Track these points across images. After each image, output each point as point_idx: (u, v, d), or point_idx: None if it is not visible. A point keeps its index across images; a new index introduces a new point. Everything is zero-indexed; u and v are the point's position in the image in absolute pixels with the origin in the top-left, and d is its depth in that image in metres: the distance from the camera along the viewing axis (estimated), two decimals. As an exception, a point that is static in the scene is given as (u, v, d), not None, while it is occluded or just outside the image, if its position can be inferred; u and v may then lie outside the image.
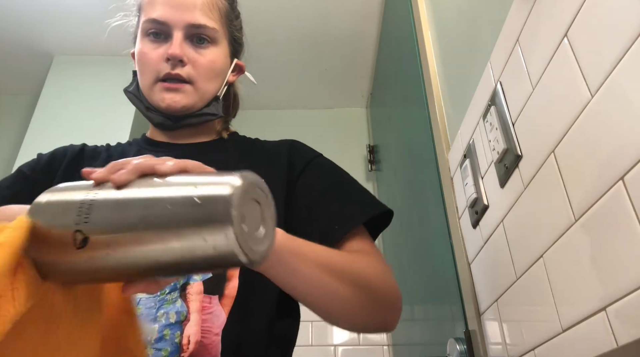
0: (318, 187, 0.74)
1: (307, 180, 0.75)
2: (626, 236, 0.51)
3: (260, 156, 0.81)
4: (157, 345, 0.59)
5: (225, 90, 0.86)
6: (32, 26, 2.26)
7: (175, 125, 0.79)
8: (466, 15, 1.06)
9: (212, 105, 0.82)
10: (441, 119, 1.22)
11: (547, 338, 0.69)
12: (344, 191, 0.75)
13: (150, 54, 0.78)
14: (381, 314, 0.66)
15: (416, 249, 1.53)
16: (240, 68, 0.90)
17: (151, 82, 0.78)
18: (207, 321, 0.61)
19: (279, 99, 2.64)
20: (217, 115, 0.82)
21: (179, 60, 0.76)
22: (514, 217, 0.79)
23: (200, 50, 0.79)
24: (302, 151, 0.81)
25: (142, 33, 0.80)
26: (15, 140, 2.38)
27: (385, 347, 2.08)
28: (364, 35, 2.29)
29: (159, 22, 0.78)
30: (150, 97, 0.78)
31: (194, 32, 0.79)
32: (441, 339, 1.15)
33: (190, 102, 0.78)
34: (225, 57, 0.84)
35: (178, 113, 0.78)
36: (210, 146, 0.83)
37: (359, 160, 2.53)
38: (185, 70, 0.77)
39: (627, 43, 0.51)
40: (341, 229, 0.68)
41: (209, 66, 0.79)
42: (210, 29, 0.80)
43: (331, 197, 0.73)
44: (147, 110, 0.80)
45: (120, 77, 1.06)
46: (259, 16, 2.13)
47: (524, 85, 0.75)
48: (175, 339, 0.59)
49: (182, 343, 0.59)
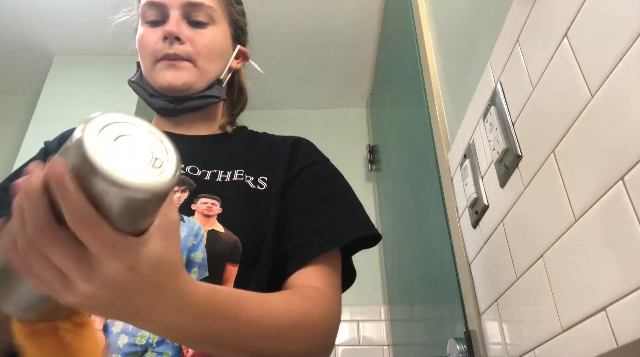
0: (311, 194, 0.73)
1: (301, 186, 0.74)
2: (626, 236, 0.51)
3: (264, 150, 0.80)
4: (159, 349, 0.58)
5: (229, 78, 0.85)
6: (32, 26, 2.26)
7: (177, 108, 0.78)
8: (466, 15, 1.06)
9: (215, 88, 0.81)
10: (441, 119, 1.22)
11: (547, 338, 0.69)
12: (336, 204, 0.73)
13: (149, 37, 0.78)
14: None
15: (416, 249, 1.53)
16: (245, 55, 0.89)
17: (151, 64, 0.78)
18: None
19: (279, 98, 2.64)
20: (219, 98, 0.82)
21: (176, 38, 0.76)
22: (514, 217, 0.79)
23: (199, 29, 0.79)
24: (306, 151, 0.80)
25: (141, 20, 0.81)
26: (15, 140, 2.38)
27: (385, 347, 2.08)
28: (364, 36, 2.29)
29: (156, 4, 0.78)
30: (151, 79, 0.78)
31: (191, 10, 0.79)
32: (441, 339, 1.15)
33: (191, 80, 0.77)
34: (226, 38, 0.84)
35: (179, 92, 0.77)
36: (214, 139, 0.82)
37: (359, 161, 2.53)
38: (183, 49, 0.77)
39: (627, 43, 0.51)
40: (320, 247, 0.67)
41: (208, 44, 0.79)
42: (207, 6, 0.79)
43: (321, 208, 0.71)
44: (149, 97, 0.79)
45: (121, 77, 1.06)
46: (259, 16, 2.13)
47: (524, 85, 0.75)
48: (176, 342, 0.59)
49: (182, 347, 0.59)
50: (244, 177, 0.73)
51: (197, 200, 0.68)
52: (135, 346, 0.58)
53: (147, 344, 0.58)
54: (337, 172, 0.79)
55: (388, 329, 2.11)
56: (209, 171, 0.73)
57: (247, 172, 0.74)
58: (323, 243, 0.67)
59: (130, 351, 0.57)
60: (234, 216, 0.68)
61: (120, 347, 0.57)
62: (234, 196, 0.70)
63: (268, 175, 0.74)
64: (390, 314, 2.09)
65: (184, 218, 0.66)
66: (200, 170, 0.73)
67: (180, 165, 0.35)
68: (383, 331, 2.12)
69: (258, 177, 0.74)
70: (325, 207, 0.72)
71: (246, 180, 0.73)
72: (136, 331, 0.58)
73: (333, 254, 0.69)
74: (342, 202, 0.75)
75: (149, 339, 0.58)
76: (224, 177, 0.73)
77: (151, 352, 0.58)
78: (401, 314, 1.86)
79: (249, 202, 0.71)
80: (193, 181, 0.70)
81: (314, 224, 0.69)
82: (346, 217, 0.72)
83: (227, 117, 0.87)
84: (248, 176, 0.74)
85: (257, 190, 0.72)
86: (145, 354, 0.58)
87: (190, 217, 0.66)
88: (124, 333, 0.58)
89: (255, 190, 0.72)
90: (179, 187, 0.69)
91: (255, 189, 0.72)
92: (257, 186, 0.73)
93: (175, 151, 0.35)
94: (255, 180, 0.73)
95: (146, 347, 0.58)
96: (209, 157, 0.76)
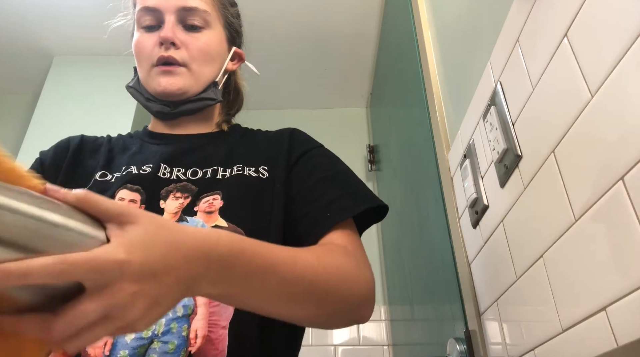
0: (314, 175, 0.74)
1: (304, 168, 0.75)
2: (626, 236, 0.51)
3: (261, 144, 0.81)
4: (164, 338, 0.59)
5: (225, 80, 0.86)
6: (32, 26, 2.26)
7: (174, 111, 0.79)
8: (466, 15, 1.06)
9: (210, 90, 0.82)
10: (441, 119, 1.22)
11: (547, 338, 0.69)
12: (340, 180, 0.74)
13: (145, 42, 0.79)
14: (350, 315, 0.62)
15: (416, 249, 1.53)
16: (240, 56, 0.90)
17: (147, 69, 0.79)
18: (214, 314, 0.61)
19: (279, 99, 2.64)
20: (215, 100, 0.82)
21: (171, 43, 0.77)
22: (514, 217, 0.79)
23: (194, 34, 0.80)
24: (302, 139, 0.81)
25: (137, 25, 0.82)
26: (15, 140, 2.38)
27: (385, 347, 2.08)
28: (364, 35, 2.29)
29: (151, 9, 0.79)
30: (148, 84, 0.79)
31: (186, 15, 0.80)
32: (441, 339, 1.15)
33: (186, 85, 0.78)
34: (221, 41, 0.84)
35: (175, 97, 0.78)
36: (211, 137, 0.82)
37: (359, 161, 2.53)
38: (178, 53, 0.78)
39: (627, 43, 0.51)
40: (332, 218, 0.67)
41: (202, 49, 0.80)
42: (201, 11, 0.80)
43: (327, 186, 0.72)
44: (146, 101, 0.80)
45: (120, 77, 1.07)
46: (259, 16, 2.13)
47: (524, 85, 0.75)
48: (182, 332, 0.59)
49: (189, 337, 0.59)
50: (244, 169, 0.74)
51: (199, 201, 0.69)
52: (142, 339, 0.59)
53: (153, 335, 0.59)
54: (334, 155, 0.81)
55: (388, 329, 2.11)
56: (209, 169, 0.74)
57: (246, 164, 0.75)
58: (337, 213, 0.68)
59: (137, 344, 0.58)
60: (236, 208, 0.68)
61: (128, 342, 0.58)
62: (235, 188, 0.71)
63: (268, 165, 0.75)
64: (390, 314, 2.09)
65: (187, 219, 0.67)
66: (201, 171, 0.73)
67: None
68: (383, 331, 2.12)
69: (259, 166, 0.75)
70: (331, 183, 0.73)
71: (246, 171, 0.73)
72: None
73: (348, 225, 0.69)
74: (346, 179, 0.75)
75: (155, 331, 0.59)
76: (224, 174, 0.73)
77: (157, 342, 0.59)
78: (401, 314, 1.86)
79: (250, 191, 0.71)
80: (194, 186, 0.71)
81: (323, 199, 0.70)
82: (353, 192, 0.73)
83: (224, 116, 0.88)
84: (248, 168, 0.74)
85: (259, 178, 0.73)
86: (151, 345, 0.59)
87: (193, 217, 0.67)
88: None
89: (258, 178, 0.73)
90: (182, 194, 0.69)
91: (258, 177, 0.73)
92: (259, 175, 0.74)
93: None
94: (257, 169, 0.74)
95: (152, 339, 0.59)
96: (208, 155, 0.77)
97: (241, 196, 0.70)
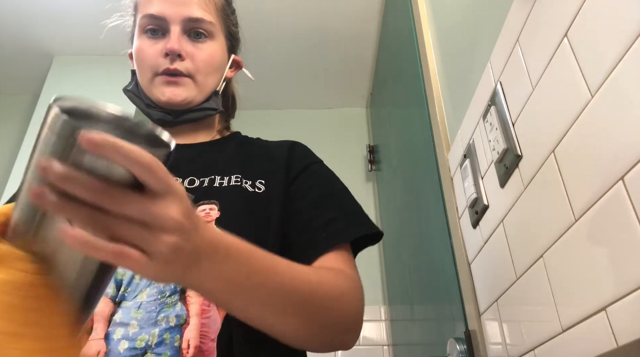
0: (312, 193, 0.73)
1: (303, 184, 0.75)
2: (626, 236, 0.51)
3: (260, 156, 0.80)
4: (157, 350, 0.58)
5: (223, 87, 0.86)
6: (32, 26, 2.26)
7: (176, 120, 0.79)
8: (466, 15, 1.06)
9: (212, 100, 0.82)
10: (441, 119, 1.22)
11: (547, 338, 0.69)
12: (337, 202, 0.74)
13: (149, 50, 0.78)
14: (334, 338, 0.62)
15: (416, 249, 1.53)
16: (238, 64, 0.90)
17: (150, 77, 0.78)
18: (205, 325, 0.61)
19: (279, 99, 2.64)
20: (217, 110, 0.83)
21: (178, 55, 0.77)
22: (514, 217, 0.79)
23: (198, 44, 0.80)
24: (301, 154, 0.81)
25: (139, 30, 0.81)
26: (15, 140, 2.38)
27: (385, 347, 2.08)
28: (364, 35, 2.29)
29: (156, 18, 0.79)
30: (150, 92, 0.79)
31: (191, 26, 0.79)
32: (441, 339, 1.15)
33: (191, 96, 0.78)
34: (223, 51, 0.85)
35: (178, 107, 0.78)
36: (210, 146, 0.83)
37: (359, 160, 2.53)
38: (184, 65, 0.77)
39: (627, 43, 0.51)
40: (328, 240, 0.67)
41: (207, 60, 0.80)
42: (207, 22, 0.80)
43: (324, 207, 0.72)
44: (147, 107, 0.80)
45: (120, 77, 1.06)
46: (259, 16, 2.13)
47: (524, 85, 0.75)
48: (174, 342, 0.59)
49: (181, 347, 0.59)
50: (242, 181, 0.73)
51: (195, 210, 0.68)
52: (135, 349, 0.58)
53: (146, 346, 0.58)
54: (333, 173, 0.80)
55: (388, 329, 2.11)
56: (207, 178, 0.73)
57: (244, 176, 0.74)
58: (334, 236, 0.68)
59: (130, 354, 0.58)
60: (233, 219, 0.68)
61: (121, 352, 0.58)
62: (232, 199, 0.70)
63: (265, 179, 0.75)
64: (390, 314, 2.09)
65: None
66: (199, 180, 0.73)
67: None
68: (383, 331, 2.12)
69: (255, 180, 0.74)
70: (329, 203, 0.73)
71: (244, 184, 0.73)
72: (136, 335, 0.59)
73: (343, 247, 0.69)
74: (344, 200, 0.75)
75: (148, 342, 0.59)
76: (222, 182, 0.73)
77: (150, 354, 0.58)
78: (401, 314, 1.86)
79: (247, 204, 0.71)
80: (191, 194, 0.71)
81: (320, 219, 0.70)
82: (351, 213, 0.73)
83: (223, 123, 0.89)
84: (246, 181, 0.74)
85: (255, 193, 0.73)
86: (145, 356, 0.58)
87: None
88: (124, 339, 0.59)
89: (254, 193, 0.72)
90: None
91: (254, 192, 0.73)
92: (255, 189, 0.73)
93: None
94: (253, 183, 0.74)
95: (145, 350, 0.58)
96: (206, 164, 0.77)
97: (238, 208, 0.70)
